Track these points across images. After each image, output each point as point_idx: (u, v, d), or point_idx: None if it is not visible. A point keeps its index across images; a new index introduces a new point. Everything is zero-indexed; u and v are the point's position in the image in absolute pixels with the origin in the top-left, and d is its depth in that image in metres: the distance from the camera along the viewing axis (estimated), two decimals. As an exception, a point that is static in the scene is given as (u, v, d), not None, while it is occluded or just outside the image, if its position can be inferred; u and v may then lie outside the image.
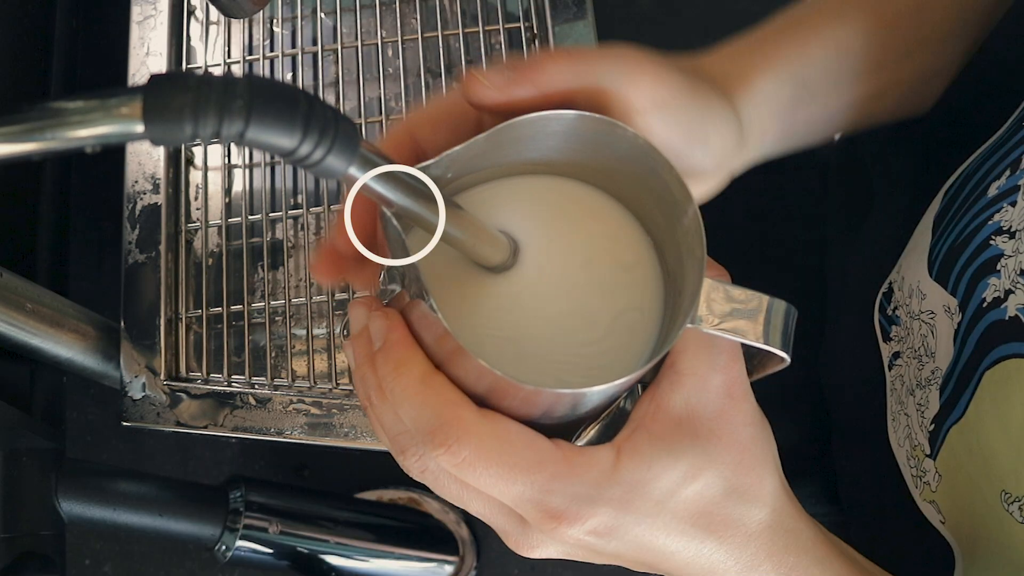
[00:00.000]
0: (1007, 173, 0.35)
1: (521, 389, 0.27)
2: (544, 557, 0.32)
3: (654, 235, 0.33)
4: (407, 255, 0.27)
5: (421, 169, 0.28)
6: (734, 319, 0.29)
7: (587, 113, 0.29)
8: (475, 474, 0.29)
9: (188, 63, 0.55)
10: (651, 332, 0.32)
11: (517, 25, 0.54)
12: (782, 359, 0.31)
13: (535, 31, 0.53)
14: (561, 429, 0.32)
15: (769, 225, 0.65)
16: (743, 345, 0.31)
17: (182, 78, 0.20)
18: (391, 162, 0.24)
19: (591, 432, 0.35)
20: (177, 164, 0.53)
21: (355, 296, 0.51)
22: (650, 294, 0.32)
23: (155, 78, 0.20)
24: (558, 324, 0.32)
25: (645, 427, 0.31)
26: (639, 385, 0.33)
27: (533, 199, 0.33)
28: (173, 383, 0.49)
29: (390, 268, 0.31)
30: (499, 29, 0.54)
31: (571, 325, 0.32)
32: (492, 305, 0.32)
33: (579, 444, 0.31)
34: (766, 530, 0.31)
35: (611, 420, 0.35)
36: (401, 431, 0.31)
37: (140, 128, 0.20)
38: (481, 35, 0.54)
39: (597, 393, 0.28)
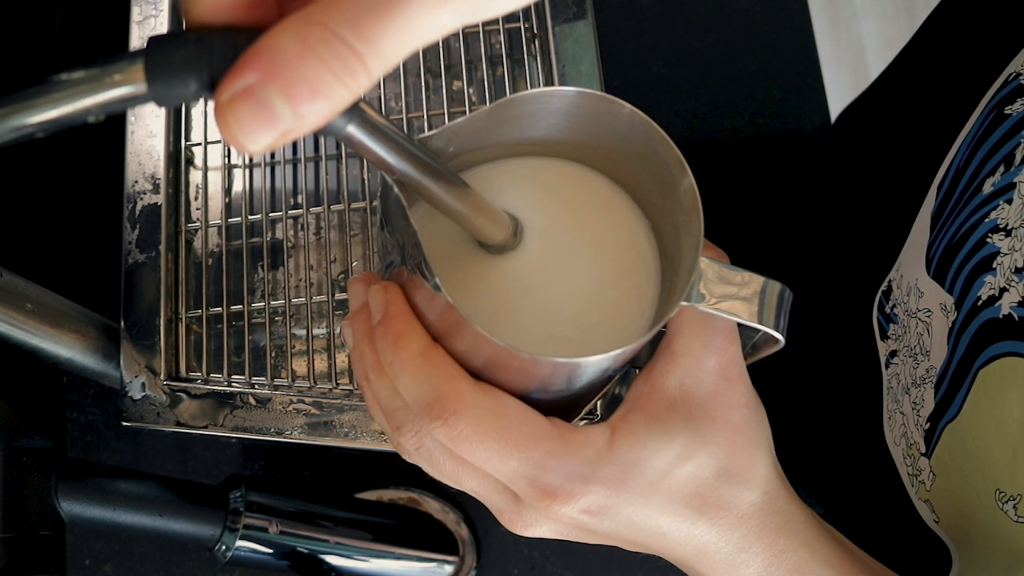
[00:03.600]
0: (1001, 169, 0.35)
1: (518, 358, 0.28)
2: (538, 536, 0.32)
3: (652, 217, 0.33)
4: (408, 224, 0.27)
5: (423, 140, 0.28)
6: (729, 298, 0.30)
7: (587, 90, 0.29)
8: (471, 447, 0.29)
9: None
10: (648, 311, 0.32)
11: (517, 25, 0.54)
12: (777, 340, 0.31)
13: (535, 31, 0.53)
14: (557, 409, 0.32)
15: (767, 227, 0.65)
16: (738, 326, 0.32)
17: (182, 34, 0.20)
18: (392, 126, 0.25)
19: (586, 414, 0.36)
20: (177, 164, 0.53)
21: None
22: (648, 274, 0.33)
23: (154, 38, 0.20)
24: (556, 303, 0.32)
25: (640, 407, 0.31)
26: (635, 370, 0.34)
27: (534, 180, 0.34)
28: (173, 383, 0.49)
29: (391, 239, 0.31)
30: (499, 29, 0.54)
31: (569, 304, 0.32)
32: (491, 284, 0.32)
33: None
34: (757, 512, 0.31)
35: (607, 403, 0.35)
36: (398, 407, 0.31)
37: (143, 89, 0.20)
38: (481, 35, 0.54)
39: (592, 364, 0.29)
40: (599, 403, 0.46)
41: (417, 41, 0.20)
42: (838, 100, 0.80)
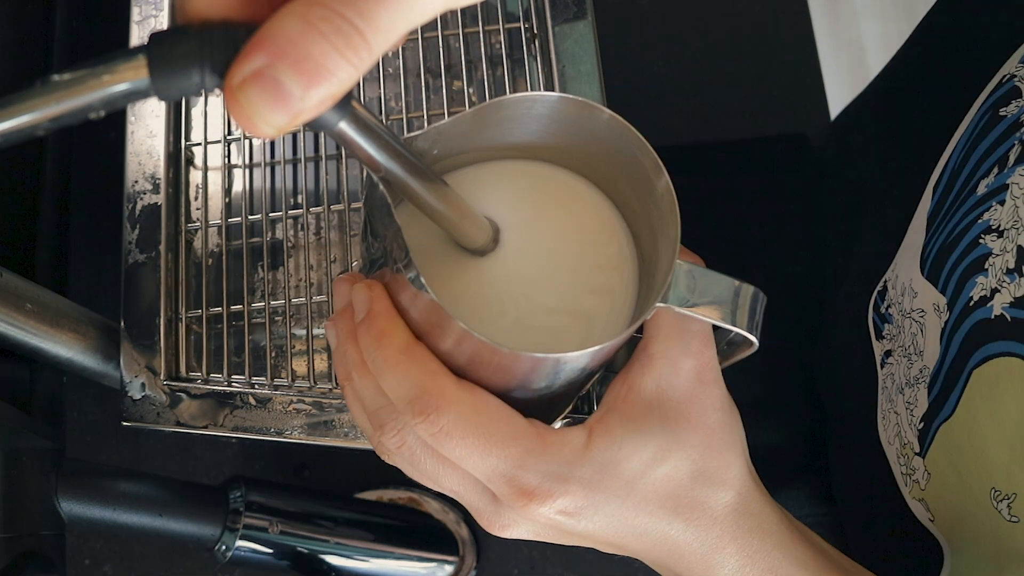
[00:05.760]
0: (995, 171, 0.35)
1: (498, 354, 0.28)
2: (515, 537, 0.32)
3: (630, 221, 0.34)
4: (393, 221, 0.28)
5: (408, 140, 0.29)
6: (704, 300, 0.30)
7: (569, 96, 0.30)
8: (451, 444, 0.29)
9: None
10: (626, 312, 0.33)
11: (517, 25, 0.54)
12: (751, 343, 0.32)
13: (535, 31, 0.53)
14: (537, 410, 0.32)
15: (766, 227, 0.65)
16: (712, 328, 0.32)
17: (183, 28, 0.21)
18: (381, 124, 0.25)
19: (564, 417, 0.37)
20: (177, 164, 0.53)
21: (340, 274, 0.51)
22: (625, 276, 0.34)
23: (156, 33, 0.21)
24: (536, 303, 0.33)
25: (617, 409, 0.31)
26: (612, 374, 0.34)
27: (516, 183, 0.34)
28: (173, 383, 0.49)
29: (374, 239, 0.32)
30: (499, 29, 0.54)
31: (549, 304, 0.33)
32: (473, 283, 0.33)
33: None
34: (731, 513, 0.32)
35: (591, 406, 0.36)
36: (381, 405, 0.31)
37: (146, 83, 0.20)
38: (481, 35, 0.54)
39: (570, 361, 0.29)
40: (585, 406, 0.46)
41: (414, 17, 0.21)
42: (838, 100, 0.80)
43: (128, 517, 0.44)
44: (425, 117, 0.53)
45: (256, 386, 0.49)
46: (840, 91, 1.01)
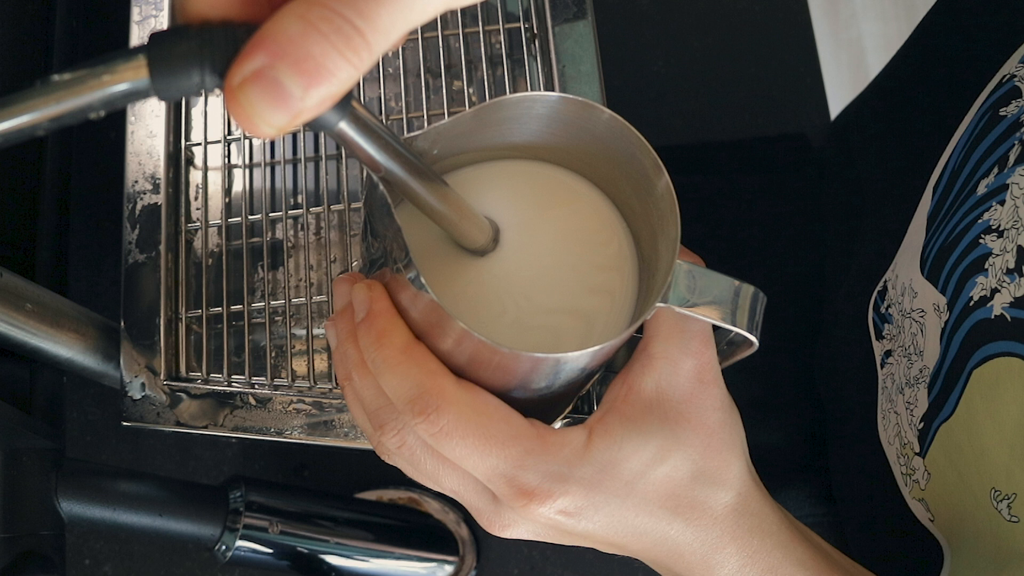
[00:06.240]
0: (995, 171, 0.35)
1: (498, 354, 0.28)
2: (515, 537, 0.32)
3: (630, 221, 0.34)
4: (393, 221, 0.28)
5: (408, 140, 0.29)
6: (704, 300, 0.30)
7: (569, 96, 0.30)
8: (451, 444, 0.29)
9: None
10: (626, 312, 0.33)
11: (517, 25, 0.54)
12: (751, 343, 0.32)
13: (535, 31, 0.53)
14: (536, 410, 0.32)
15: (766, 227, 0.65)
16: (712, 328, 0.32)
17: (183, 28, 0.21)
18: (381, 124, 0.25)
19: (564, 417, 0.37)
20: (177, 164, 0.53)
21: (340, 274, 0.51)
22: (625, 276, 0.34)
23: (156, 33, 0.21)
24: (536, 303, 0.33)
25: (616, 409, 0.31)
26: (612, 374, 0.34)
27: (515, 183, 0.35)
28: (173, 383, 0.49)
29: (374, 239, 0.32)
30: (499, 29, 0.54)
31: (548, 304, 0.33)
32: (473, 283, 0.33)
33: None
34: (731, 513, 0.32)
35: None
36: (381, 405, 0.31)
37: (146, 83, 0.20)
38: (481, 35, 0.54)
39: (570, 361, 0.29)
40: (585, 406, 0.46)
41: (414, 17, 0.21)
42: (838, 100, 0.80)
43: (128, 517, 0.44)
44: (425, 117, 0.53)
45: (256, 386, 0.49)
46: (840, 91, 1.02)
